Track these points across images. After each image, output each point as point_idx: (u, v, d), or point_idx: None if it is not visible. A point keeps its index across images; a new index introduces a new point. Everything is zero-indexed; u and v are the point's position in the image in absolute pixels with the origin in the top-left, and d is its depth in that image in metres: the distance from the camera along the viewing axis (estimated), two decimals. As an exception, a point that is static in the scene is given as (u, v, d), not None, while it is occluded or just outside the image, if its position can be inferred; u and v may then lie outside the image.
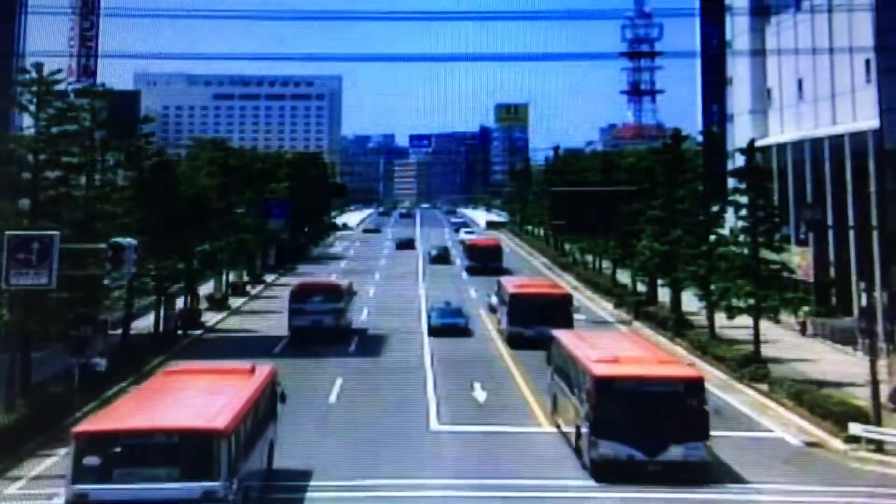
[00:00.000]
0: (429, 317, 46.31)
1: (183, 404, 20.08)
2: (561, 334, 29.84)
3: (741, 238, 38.14)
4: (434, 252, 79.59)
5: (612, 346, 27.01)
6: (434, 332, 44.33)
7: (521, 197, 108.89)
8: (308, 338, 42.46)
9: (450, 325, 44.79)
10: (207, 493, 16.98)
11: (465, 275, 69.68)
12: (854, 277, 42.24)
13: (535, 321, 39.65)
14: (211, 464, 17.28)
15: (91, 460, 17.24)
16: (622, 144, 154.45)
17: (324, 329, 43.17)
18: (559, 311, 41.03)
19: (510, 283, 46.20)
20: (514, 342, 41.04)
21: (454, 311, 46.47)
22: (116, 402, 23.11)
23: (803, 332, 44.82)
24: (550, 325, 35.61)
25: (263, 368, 24.03)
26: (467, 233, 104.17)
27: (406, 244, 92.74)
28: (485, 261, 70.66)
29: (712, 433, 23.38)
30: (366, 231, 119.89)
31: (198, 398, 20.43)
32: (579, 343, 27.36)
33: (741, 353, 36.56)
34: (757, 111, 54.17)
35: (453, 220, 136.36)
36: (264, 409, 22.29)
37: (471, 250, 74.53)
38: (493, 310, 49.67)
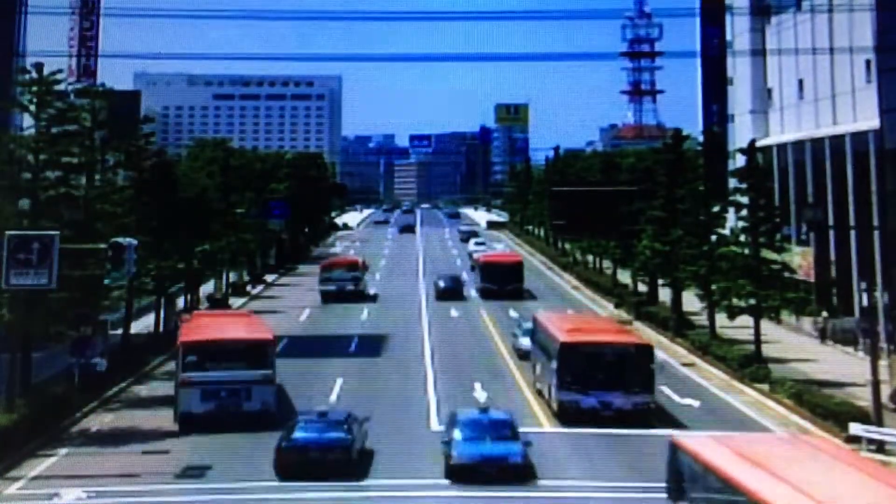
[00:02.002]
0: (448, 442, 23.78)
1: (236, 326, 32.93)
2: (701, 447, 17.87)
3: (742, 238, 38.13)
4: (442, 284, 58.53)
5: (836, 484, 15.50)
6: (459, 472, 22.99)
7: (522, 197, 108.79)
8: (335, 299, 55.64)
9: (492, 461, 23.05)
10: (265, 375, 28.62)
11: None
12: (855, 277, 42.20)
13: (599, 384, 28.45)
14: (266, 359, 29.02)
15: (191, 358, 28.71)
16: (623, 144, 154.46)
17: (346, 292, 56.51)
18: (635, 369, 28.90)
19: (556, 325, 32.10)
20: (567, 415, 28.43)
21: (498, 427, 24.29)
22: (184, 328, 32.65)
23: (823, 338, 42.89)
24: (620, 389, 28.26)
25: (254, 315, 39.20)
26: (477, 244, 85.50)
27: (407, 228, 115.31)
28: (503, 281, 57.69)
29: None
30: (376, 223, 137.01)
31: (240, 324, 33.91)
32: (761, 477, 15.48)
33: (742, 353, 36.54)
34: (757, 111, 54.13)
35: (462, 227, 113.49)
36: None
37: (485, 269, 59.80)
38: (520, 353, 38.32)
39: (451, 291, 57.29)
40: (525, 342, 37.51)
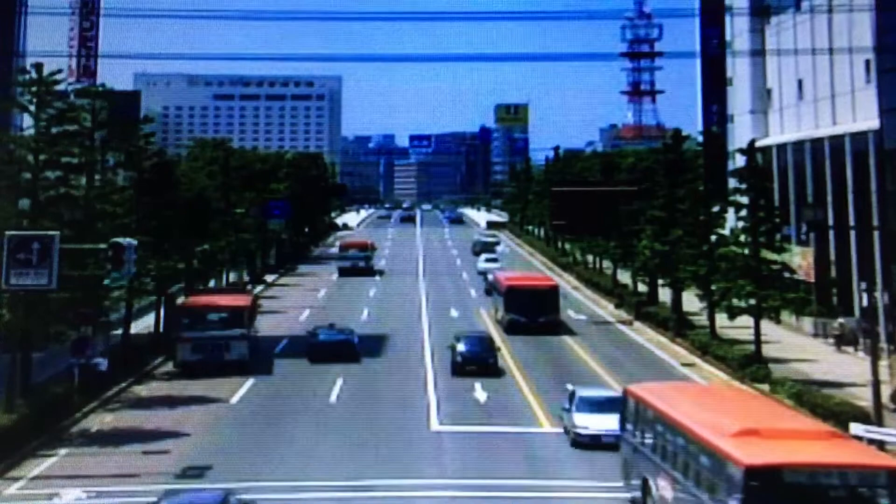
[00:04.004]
0: None
1: (222, 298, 42.64)
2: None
3: (742, 238, 38.12)
4: (464, 347, 36.12)
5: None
6: None
7: (522, 197, 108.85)
8: (350, 275, 68.49)
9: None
10: (241, 333, 36.87)
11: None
12: (855, 277, 42.22)
13: None
14: (242, 321, 37.42)
15: (186, 320, 37.52)
16: (622, 145, 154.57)
17: (359, 268, 69.96)
18: None
19: (706, 421, 18.37)
20: None
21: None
22: (186, 301, 42.19)
23: (839, 345, 40.92)
24: None
25: (251, 293, 52.11)
26: (488, 260, 71.21)
27: (408, 219, 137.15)
28: (534, 312, 45.29)
29: None
30: (380, 218, 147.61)
31: (226, 296, 44.05)
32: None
33: (742, 353, 36.55)
34: (757, 111, 54.17)
35: (480, 237, 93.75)
36: (255, 307, 42.72)
37: (511, 296, 46.23)
38: (581, 441, 25.77)
39: (477, 360, 35.67)
40: (593, 424, 25.62)
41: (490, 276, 56.89)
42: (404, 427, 28.25)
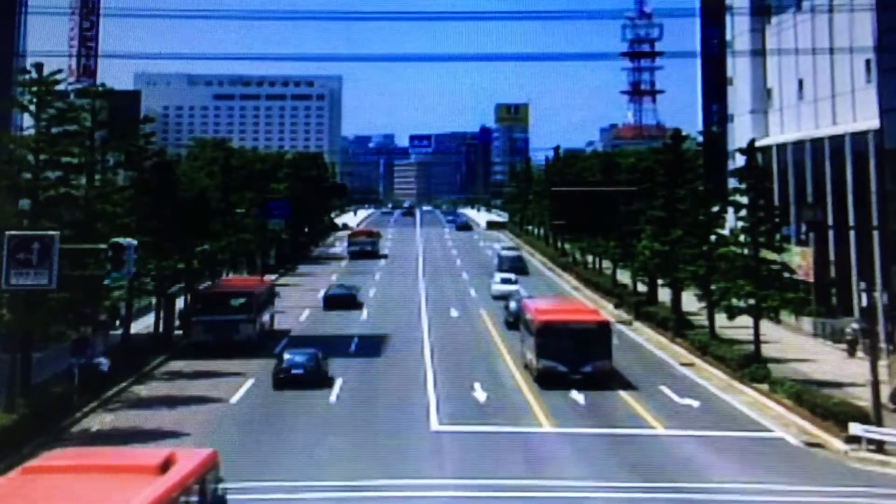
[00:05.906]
0: None
1: (238, 286, 46.93)
2: None
3: (741, 238, 38.14)
4: None
5: None
6: None
7: (522, 197, 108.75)
8: (359, 257, 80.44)
9: None
10: (249, 317, 41.19)
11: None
12: (855, 277, 42.21)
13: None
14: (251, 305, 41.65)
15: (198, 305, 42.80)
16: (622, 144, 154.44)
17: (367, 252, 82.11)
18: None
19: None
20: None
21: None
22: (202, 287, 47.85)
23: (852, 352, 39.55)
24: None
25: (267, 281, 54.10)
26: (504, 281, 58.28)
27: (408, 213, 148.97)
28: (577, 359, 33.82)
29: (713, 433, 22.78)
30: (383, 214, 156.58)
31: (239, 283, 49.69)
32: None
33: (741, 353, 36.55)
34: (757, 111, 54.16)
35: (502, 251, 77.35)
36: (270, 295, 47.45)
37: (546, 334, 34.39)
38: None
39: None
40: None
41: (513, 304, 45.56)
42: (404, 427, 28.25)
